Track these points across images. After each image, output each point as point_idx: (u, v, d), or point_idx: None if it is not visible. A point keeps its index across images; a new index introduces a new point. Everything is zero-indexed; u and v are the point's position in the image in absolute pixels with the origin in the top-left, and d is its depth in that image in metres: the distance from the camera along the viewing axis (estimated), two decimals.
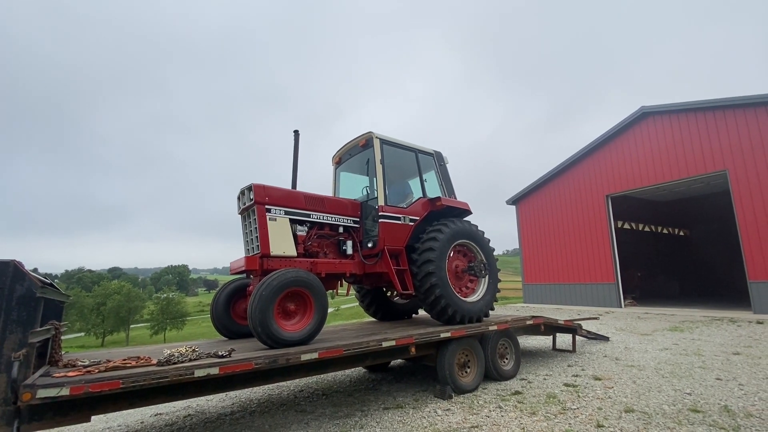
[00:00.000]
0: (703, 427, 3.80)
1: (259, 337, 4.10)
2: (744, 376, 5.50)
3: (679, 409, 4.29)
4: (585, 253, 17.96)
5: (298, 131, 5.90)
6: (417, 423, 4.19)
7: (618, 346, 8.02)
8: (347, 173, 7.06)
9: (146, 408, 5.38)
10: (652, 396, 4.78)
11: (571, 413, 4.29)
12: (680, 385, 5.19)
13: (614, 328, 10.75)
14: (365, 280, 6.25)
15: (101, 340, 49.60)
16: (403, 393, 5.35)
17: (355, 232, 6.01)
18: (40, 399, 2.62)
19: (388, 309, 7.41)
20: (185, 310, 53.76)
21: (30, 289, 2.91)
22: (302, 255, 5.26)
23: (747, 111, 13.05)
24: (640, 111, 16.03)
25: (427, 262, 5.56)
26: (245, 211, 5.26)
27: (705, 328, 10.12)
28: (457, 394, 5.07)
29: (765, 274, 12.41)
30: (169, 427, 4.66)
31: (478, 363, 5.49)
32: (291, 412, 4.83)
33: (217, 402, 5.57)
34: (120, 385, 2.91)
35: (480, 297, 6.18)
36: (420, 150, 6.59)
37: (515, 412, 4.41)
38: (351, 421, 4.35)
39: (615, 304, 16.43)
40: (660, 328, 10.35)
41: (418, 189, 6.49)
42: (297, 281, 4.34)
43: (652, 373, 5.80)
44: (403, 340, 4.72)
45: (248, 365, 3.52)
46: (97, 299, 50.92)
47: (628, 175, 16.45)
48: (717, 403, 4.47)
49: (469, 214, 6.74)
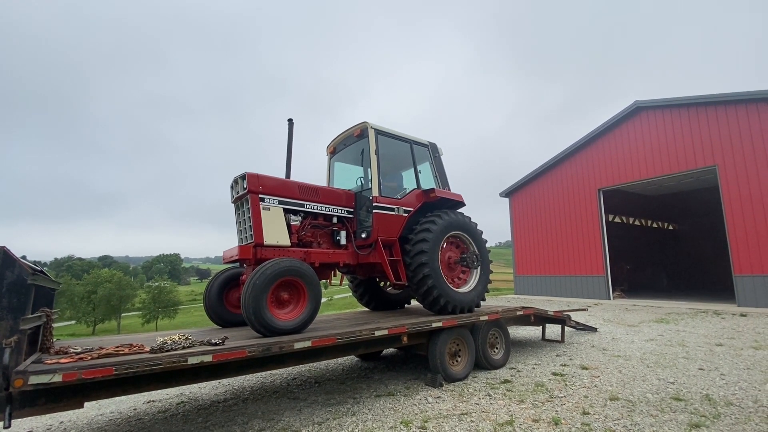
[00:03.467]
0: (684, 415, 3.92)
1: (252, 326, 4.12)
2: (726, 367, 5.67)
3: (662, 398, 4.42)
4: (576, 246, 18.19)
5: (291, 120, 5.87)
6: (408, 410, 4.27)
7: (605, 337, 8.19)
8: (342, 163, 7.04)
9: (139, 395, 5.41)
10: (636, 385, 4.91)
11: (558, 401, 4.40)
12: (664, 374, 5.34)
13: (602, 319, 10.96)
14: (358, 270, 6.28)
15: (92, 329, 49.31)
16: (394, 381, 5.44)
17: (349, 223, 6.02)
18: (32, 385, 2.62)
19: (381, 299, 7.47)
20: (177, 298, 53.57)
21: (20, 275, 2.88)
22: (296, 245, 5.26)
23: (738, 107, 13.19)
24: (634, 105, 16.13)
25: (420, 253, 5.60)
26: (238, 200, 5.24)
27: (690, 320, 10.37)
28: (448, 383, 5.16)
29: (750, 269, 12.70)
30: (162, 414, 4.69)
31: (468, 352, 5.58)
32: (284, 400, 4.88)
33: (210, 389, 5.61)
34: (113, 371, 2.91)
35: (472, 288, 6.25)
36: (415, 141, 6.59)
37: (504, 399, 4.51)
38: (343, 409, 4.41)
39: (604, 296, 16.72)
40: (647, 320, 10.58)
41: (413, 180, 6.50)
42: (290, 270, 4.36)
43: (638, 363, 5.94)
44: (396, 329, 4.78)
45: (242, 353, 3.54)
46: (88, 287, 50.47)
47: (620, 169, 16.61)
48: (699, 392, 4.61)
49: (463, 205, 6.77)
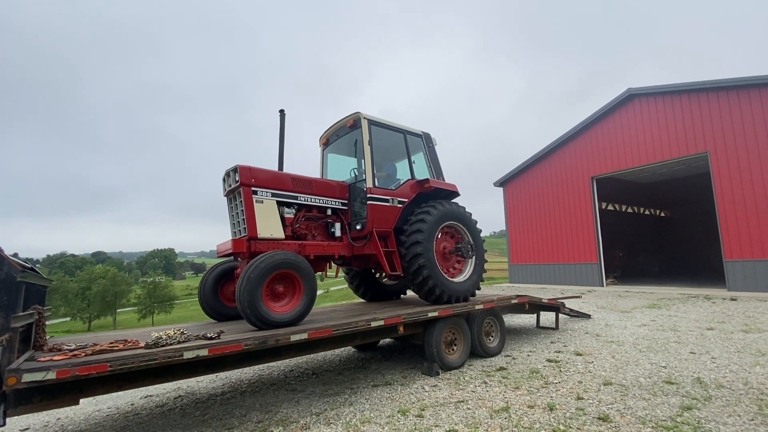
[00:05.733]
0: (676, 398, 3.99)
1: (248, 319, 4.11)
2: (716, 350, 5.77)
3: (655, 381, 4.50)
4: (569, 234, 18.33)
5: (283, 111, 5.79)
6: (405, 399, 4.31)
7: (599, 323, 8.30)
8: (335, 155, 6.98)
9: (136, 390, 5.41)
10: (629, 370, 4.99)
11: (553, 387, 4.46)
12: (656, 359, 5.43)
13: (596, 306, 11.10)
14: (354, 261, 6.27)
15: (88, 325, 49.14)
16: (391, 371, 5.48)
17: (343, 215, 5.99)
18: (26, 383, 2.60)
19: (377, 290, 7.49)
20: (173, 293, 53.44)
21: (9, 273, 2.84)
22: (290, 237, 5.24)
23: (730, 93, 13.25)
24: (627, 93, 16.13)
25: (415, 243, 5.60)
26: (231, 194, 5.19)
27: (681, 305, 10.54)
28: (444, 371, 5.21)
29: (740, 254, 12.90)
30: (159, 409, 4.70)
31: (464, 341, 5.63)
32: (282, 391, 4.91)
33: (207, 383, 5.62)
34: (108, 368, 2.90)
35: (467, 277, 6.28)
36: (408, 131, 6.54)
37: (500, 387, 4.57)
38: (341, 399, 4.45)
39: (597, 283, 16.93)
40: (639, 306, 10.73)
41: (407, 170, 6.47)
42: (285, 263, 4.34)
43: (630, 348, 6.04)
44: (392, 319, 4.79)
45: (238, 346, 3.54)
46: (82, 284, 50.15)
47: (613, 157, 16.68)
48: (690, 375, 4.70)
49: (457, 195, 6.76)
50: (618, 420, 3.54)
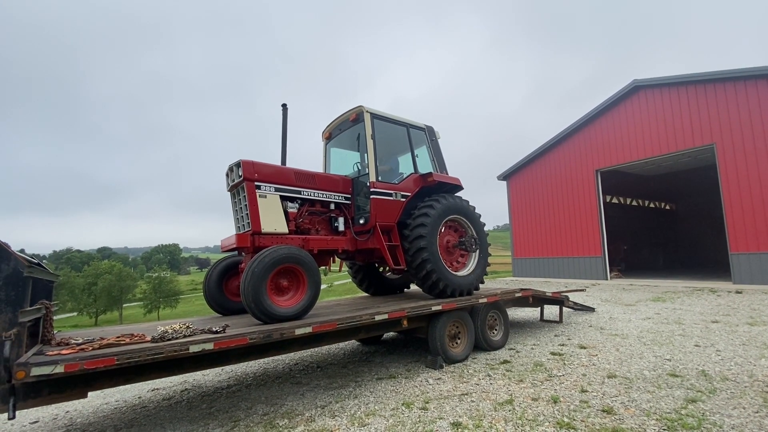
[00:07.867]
0: (681, 391, 3.99)
1: (252, 313, 4.13)
2: (721, 343, 5.75)
3: (659, 374, 4.50)
4: (573, 228, 18.25)
5: (285, 105, 5.77)
6: (409, 392, 4.33)
7: (603, 317, 8.29)
8: (338, 149, 6.96)
9: (143, 383, 5.47)
10: (633, 362, 4.99)
11: (557, 380, 4.47)
12: (661, 351, 5.42)
13: (600, 299, 11.08)
14: (357, 256, 6.28)
15: (94, 320, 49.71)
16: (395, 364, 5.51)
17: (346, 209, 5.99)
18: (34, 377, 2.63)
19: (381, 284, 7.51)
20: (178, 288, 53.93)
21: (16, 268, 2.86)
22: (294, 232, 5.25)
23: (737, 84, 13.06)
24: (632, 84, 15.94)
25: (418, 237, 5.60)
26: (234, 188, 5.19)
27: (686, 298, 10.49)
28: (448, 364, 5.23)
29: (746, 246, 12.80)
30: (166, 402, 4.75)
31: (468, 334, 5.64)
32: (287, 384, 4.95)
33: (213, 376, 5.68)
34: (115, 361, 2.93)
35: (470, 271, 6.28)
36: (412, 124, 6.50)
37: (503, 380, 4.58)
38: (345, 392, 4.48)
39: (601, 277, 16.88)
40: (643, 299, 10.70)
41: (410, 164, 6.45)
42: (289, 258, 4.35)
43: (635, 341, 6.03)
44: (396, 313, 4.81)
45: (243, 340, 3.56)
46: (88, 279, 50.69)
47: (618, 149, 16.53)
48: (695, 368, 4.69)
49: (461, 189, 6.74)
50: (622, 412, 3.54)
